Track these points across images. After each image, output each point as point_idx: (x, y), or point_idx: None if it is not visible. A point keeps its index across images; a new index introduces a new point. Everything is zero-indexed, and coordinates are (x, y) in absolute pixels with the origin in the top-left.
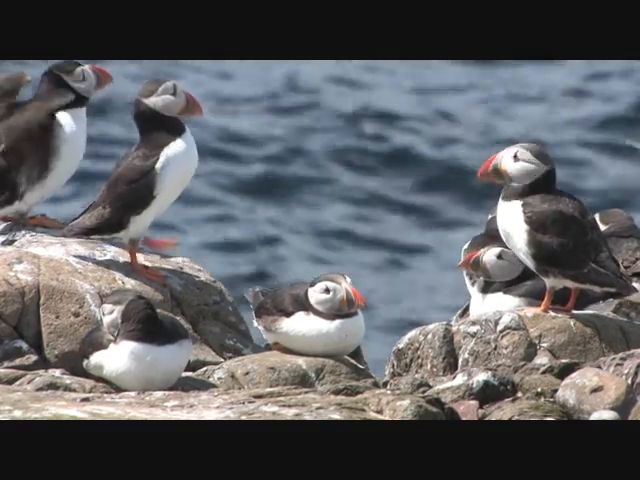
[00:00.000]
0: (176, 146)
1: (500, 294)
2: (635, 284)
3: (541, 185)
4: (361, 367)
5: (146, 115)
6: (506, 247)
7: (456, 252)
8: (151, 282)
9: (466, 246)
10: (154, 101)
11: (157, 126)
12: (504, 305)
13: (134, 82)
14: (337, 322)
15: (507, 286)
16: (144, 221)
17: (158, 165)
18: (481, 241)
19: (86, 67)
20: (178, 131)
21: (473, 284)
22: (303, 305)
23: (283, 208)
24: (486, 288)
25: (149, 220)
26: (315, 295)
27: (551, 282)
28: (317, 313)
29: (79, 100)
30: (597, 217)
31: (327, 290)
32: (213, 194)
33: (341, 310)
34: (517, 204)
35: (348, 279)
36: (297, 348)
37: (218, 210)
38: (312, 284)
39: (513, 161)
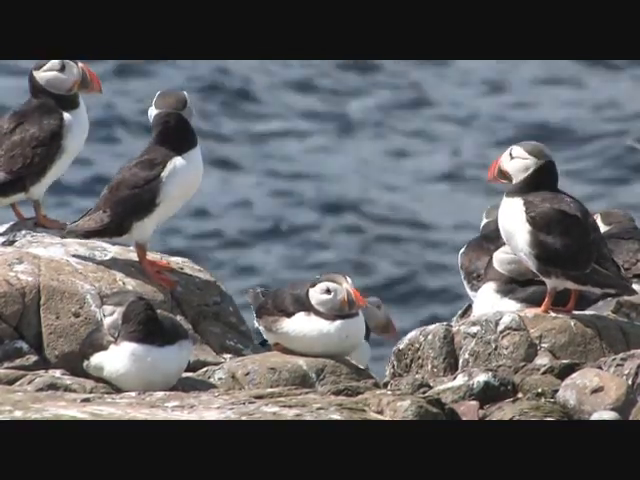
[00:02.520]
0: (185, 157)
1: (506, 299)
2: (636, 285)
3: (537, 180)
4: (362, 367)
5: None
6: (503, 244)
7: None
8: (152, 283)
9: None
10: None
11: (170, 137)
12: (507, 308)
13: None
14: (337, 323)
15: (512, 290)
16: (146, 227)
17: (164, 173)
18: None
19: (76, 63)
20: (189, 144)
21: (472, 287)
22: (304, 305)
23: None
24: (501, 290)
25: (152, 226)
26: (316, 296)
27: (552, 283)
28: (318, 313)
29: (63, 101)
30: (598, 217)
31: (328, 291)
32: None
33: (342, 311)
34: (519, 203)
35: (349, 280)
36: (298, 348)
37: None
38: (313, 284)
39: (509, 159)
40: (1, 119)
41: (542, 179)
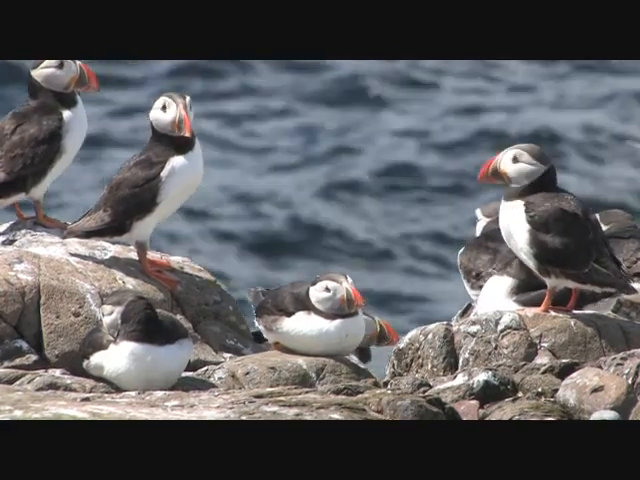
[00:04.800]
0: (184, 157)
1: (509, 301)
2: (636, 284)
3: (541, 184)
4: (362, 367)
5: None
6: (503, 243)
7: None
8: (152, 281)
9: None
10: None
11: (168, 138)
12: (516, 307)
13: None
14: (337, 322)
15: (517, 293)
16: (147, 226)
17: (164, 172)
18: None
19: (74, 61)
20: (187, 144)
21: (471, 286)
22: (304, 304)
23: None
24: (517, 287)
25: (152, 226)
26: (316, 294)
27: (552, 282)
28: (318, 312)
29: (62, 99)
30: (597, 217)
31: (327, 289)
32: None
33: (341, 310)
34: (519, 204)
35: (349, 279)
36: (297, 348)
37: None
38: (313, 283)
39: (512, 163)
40: (1, 120)
41: (545, 184)
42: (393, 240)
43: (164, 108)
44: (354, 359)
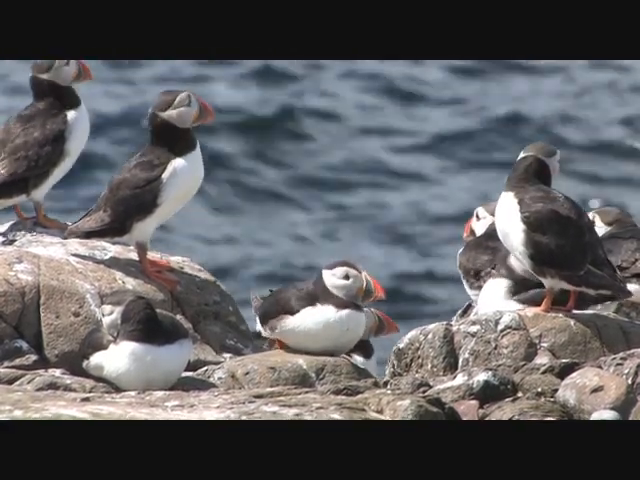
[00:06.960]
0: (185, 159)
1: (510, 301)
2: (635, 285)
3: (525, 172)
4: (362, 367)
5: (162, 128)
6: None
7: None
8: (152, 282)
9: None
10: (170, 114)
11: (171, 138)
12: (514, 307)
13: None
14: (341, 313)
15: (522, 290)
16: (147, 227)
17: (165, 174)
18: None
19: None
20: (189, 145)
21: (470, 286)
22: (309, 299)
23: None
24: (512, 288)
25: (152, 227)
26: (333, 279)
27: (548, 283)
28: (323, 303)
29: (67, 98)
30: (597, 216)
31: (347, 276)
32: None
33: (356, 299)
34: (512, 200)
35: (365, 271)
36: (299, 342)
37: None
38: (329, 267)
39: None
40: (6, 123)
41: (530, 173)
42: None
43: (189, 104)
44: (357, 359)
